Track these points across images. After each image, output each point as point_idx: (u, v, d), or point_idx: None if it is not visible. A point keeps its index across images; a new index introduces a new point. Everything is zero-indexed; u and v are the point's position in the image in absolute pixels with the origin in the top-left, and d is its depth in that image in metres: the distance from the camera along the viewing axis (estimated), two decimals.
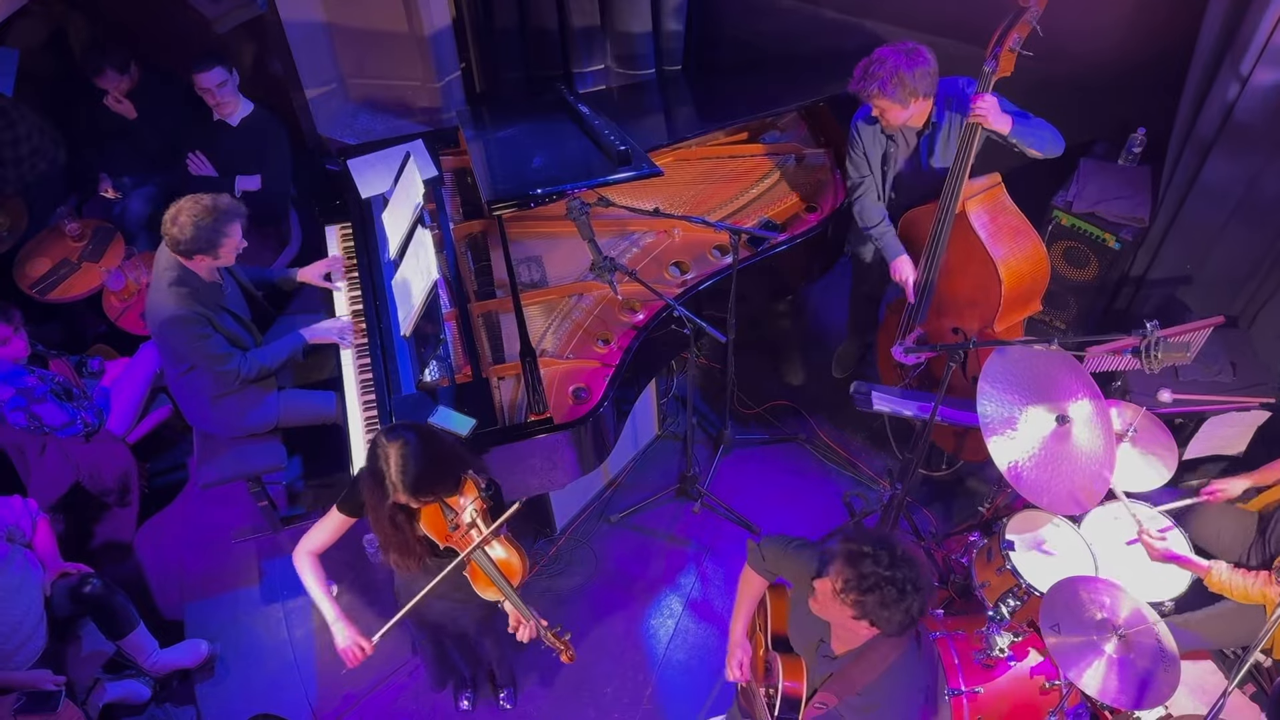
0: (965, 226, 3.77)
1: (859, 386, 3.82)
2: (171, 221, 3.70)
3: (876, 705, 2.64)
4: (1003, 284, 3.77)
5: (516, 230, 4.28)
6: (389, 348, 3.94)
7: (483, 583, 3.04)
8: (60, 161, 5.31)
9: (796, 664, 2.88)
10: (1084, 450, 3.24)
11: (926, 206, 3.90)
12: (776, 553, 2.92)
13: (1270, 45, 3.64)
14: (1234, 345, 4.22)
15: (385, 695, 4.15)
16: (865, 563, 2.42)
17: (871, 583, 2.40)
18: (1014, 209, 3.85)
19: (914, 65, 3.62)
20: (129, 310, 4.91)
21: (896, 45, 3.66)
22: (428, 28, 4.87)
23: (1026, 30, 3.29)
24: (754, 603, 3.12)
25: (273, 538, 4.63)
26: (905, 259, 4.06)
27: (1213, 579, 3.35)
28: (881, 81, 3.63)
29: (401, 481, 2.78)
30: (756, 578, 3.06)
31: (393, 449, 2.78)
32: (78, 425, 4.22)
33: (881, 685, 2.62)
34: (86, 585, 3.84)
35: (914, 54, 3.63)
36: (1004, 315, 3.88)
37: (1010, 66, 3.37)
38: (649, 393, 4.69)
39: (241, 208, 3.84)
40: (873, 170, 4.06)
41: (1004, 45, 3.33)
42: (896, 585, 2.39)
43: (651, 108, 4.93)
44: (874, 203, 4.11)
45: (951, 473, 4.69)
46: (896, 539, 2.49)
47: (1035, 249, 3.85)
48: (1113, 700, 2.97)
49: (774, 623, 3.06)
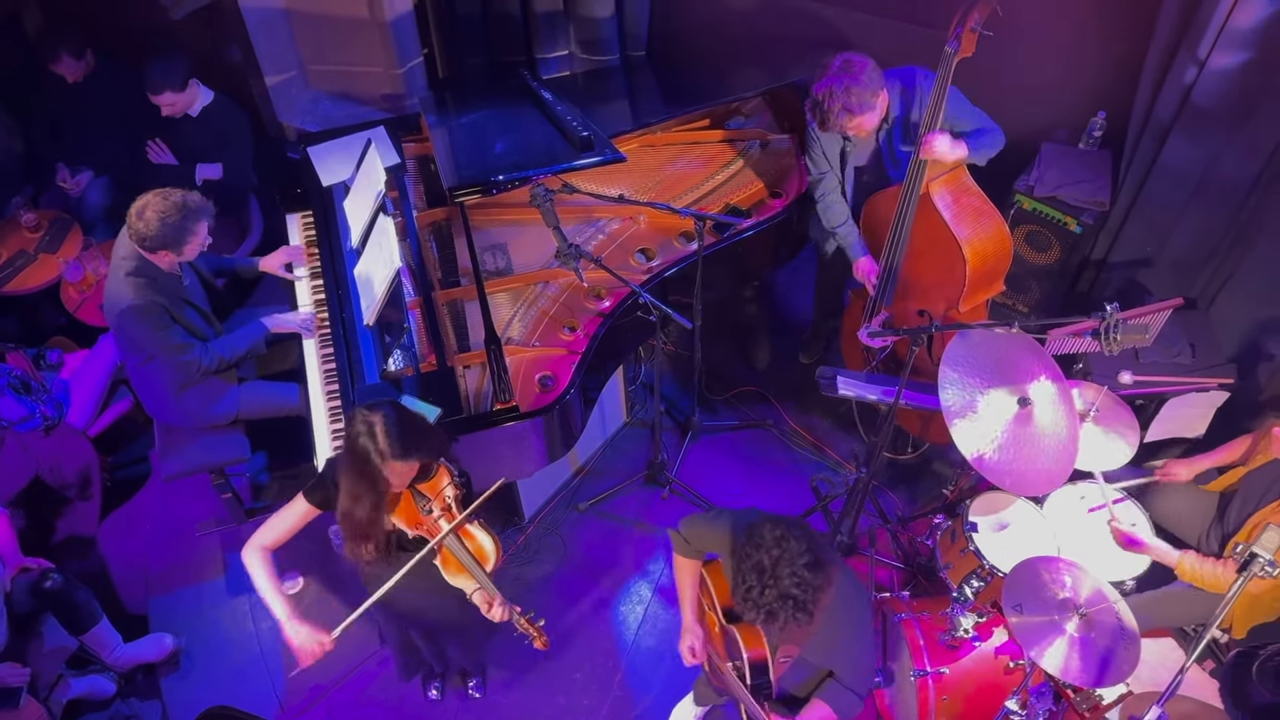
0: (929, 208, 3.79)
1: (824, 371, 3.83)
2: (137, 215, 3.64)
3: (836, 635, 2.76)
4: (967, 264, 3.79)
5: (481, 218, 4.26)
6: (352, 337, 3.90)
7: (454, 569, 3.02)
8: (16, 151, 5.21)
9: (751, 629, 2.95)
10: (1046, 432, 3.27)
11: (889, 190, 3.91)
12: (696, 532, 3.00)
13: (1227, 28, 3.67)
14: (1193, 327, 4.27)
15: (353, 686, 4.13)
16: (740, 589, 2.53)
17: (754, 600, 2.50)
18: (976, 190, 3.88)
19: (857, 75, 3.64)
20: (88, 302, 4.84)
21: (824, 74, 3.68)
22: (389, 13, 4.82)
23: (987, 10, 3.32)
24: (694, 586, 3.18)
25: (237, 530, 4.58)
26: (868, 259, 4.09)
27: (1183, 569, 3.39)
28: (844, 107, 3.65)
29: (390, 445, 2.75)
30: (687, 562, 3.12)
31: (375, 417, 2.76)
32: (36, 419, 4.15)
33: (831, 615, 2.68)
34: (47, 580, 3.79)
35: (847, 65, 3.65)
36: (969, 295, 3.91)
37: (972, 47, 3.39)
38: (616, 380, 4.68)
39: (209, 205, 3.80)
40: (833, 165, 4.07)
41: (965, 25, 3.35)
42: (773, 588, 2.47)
43: (616, 93, 4.90)
44: (837, 200, 4.12)
45: (917, 455, 4.73)
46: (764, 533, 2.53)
47: (998, 229, 3.88)
48: (1075, 678, 3.01)
49: (719, 597, 3.11)
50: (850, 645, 2.80)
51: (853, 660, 2.83)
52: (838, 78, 3.64)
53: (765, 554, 2.49)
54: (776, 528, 2.53)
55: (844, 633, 2.77)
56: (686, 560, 3.12)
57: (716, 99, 4.61)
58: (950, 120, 3.70)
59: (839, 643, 2.79)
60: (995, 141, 3.80)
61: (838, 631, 2.76)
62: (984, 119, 3.81)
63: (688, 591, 3.17)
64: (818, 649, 2.84)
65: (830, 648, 2.81)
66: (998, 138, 3.81)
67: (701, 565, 3.16)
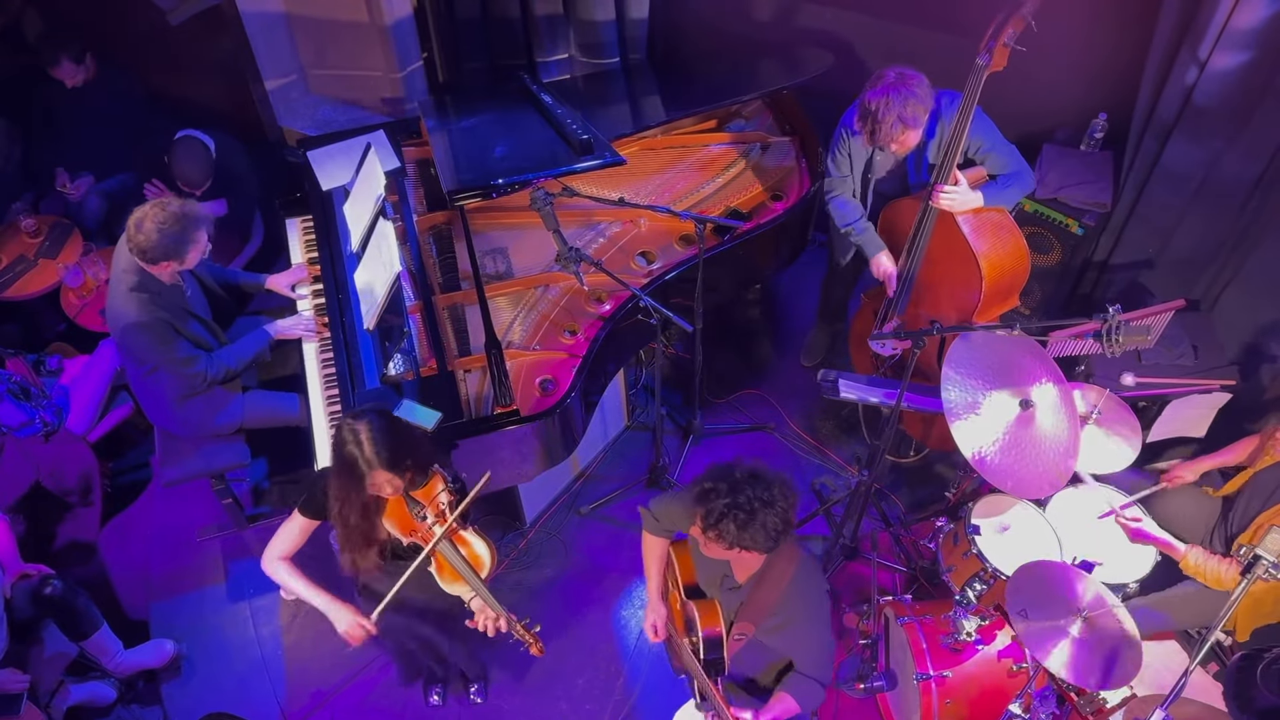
0: (948, 220, 3.74)
1: (826, 374, 3.82)
2: (136, 228, 3.60)
3: (791, 620, 2.86)
4: (984, 278, 3.74)
5: (482, 222, 4.25)
6: (352, 342, 3.90)
7: (449, 576, 3.01)
8: (15, 157, 5.21)
9: (710, 606, 3.02)
10: (1048, 434, 3.26)
11: (908, 200, 3.89)
12: (664, 509, 3.09)
13: (1228, 29, 3.67)
14: (1196, 328, 4.26)
15: (355, 692, 4.12)
16: (709, 498, 2.59)
17: (719, 513, 2.57)
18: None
19: (913, 88, 3.59)
20: (88, 307, 4.84)
21: (879, 84, 3.62)
22: (388, 17, 4.83)
23: (1021, 25, 3.27)
24: (661, 564, 3.26)
25: (238, 536, 4.57)
26: (885, 255, 4.04)
27: (1188, 562, 3.39)
28: (900, 118, 3.60)
29: (377, 455, 2.73)
30: (656, 540, 3.21)
31: (361, 426, 2.74)
32: (36, 425, 4.15)
33: (788, 600, 2.83)
34: (47, 586, 3.77)
35: (903, 78, 3.60)
36: (983, 310, 3.86)
37: (1004, 61, 3.32)
38: (617, 383, 4.68)
39: (208, 214, 3.77)
40: (853, 172, 4.05)
41: (999, 39, 3.29)
42: (743, 508, 2.55)
43: (616, 96, 4.90)
44: (848, 200, 4.10)
45: (920, 459, 4.72)
46: (739, 464, 2.63)
47: (1017, 245, 3.82)
48: (1079, 681, 3.00)
49: (683, 575, 3.19)
50: (808, 632, 2.87)
51: (810, 646, 2.89)
52: (894, 89, 3.58)
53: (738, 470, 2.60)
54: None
55: (801, 618, 2.85)
56: (655, 539, 3.20)
57: (717, 102, 4.61)
58: (974, 139, 3.68)
59: (796, 629, 2.86)
60: (1022, 186, 3.76)
61: (794, 616, 2.83)
62: (1012, 154, 3.77)
63: (654, 570, 3.26)
64: (773, 631, 2.90)
65: (787, 632, 2.88)
66: (1025, 182, 3.78)
67: (670, 544, 3.24)
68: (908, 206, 3.90)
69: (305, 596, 3.08)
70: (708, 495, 2.60)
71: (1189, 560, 3.39)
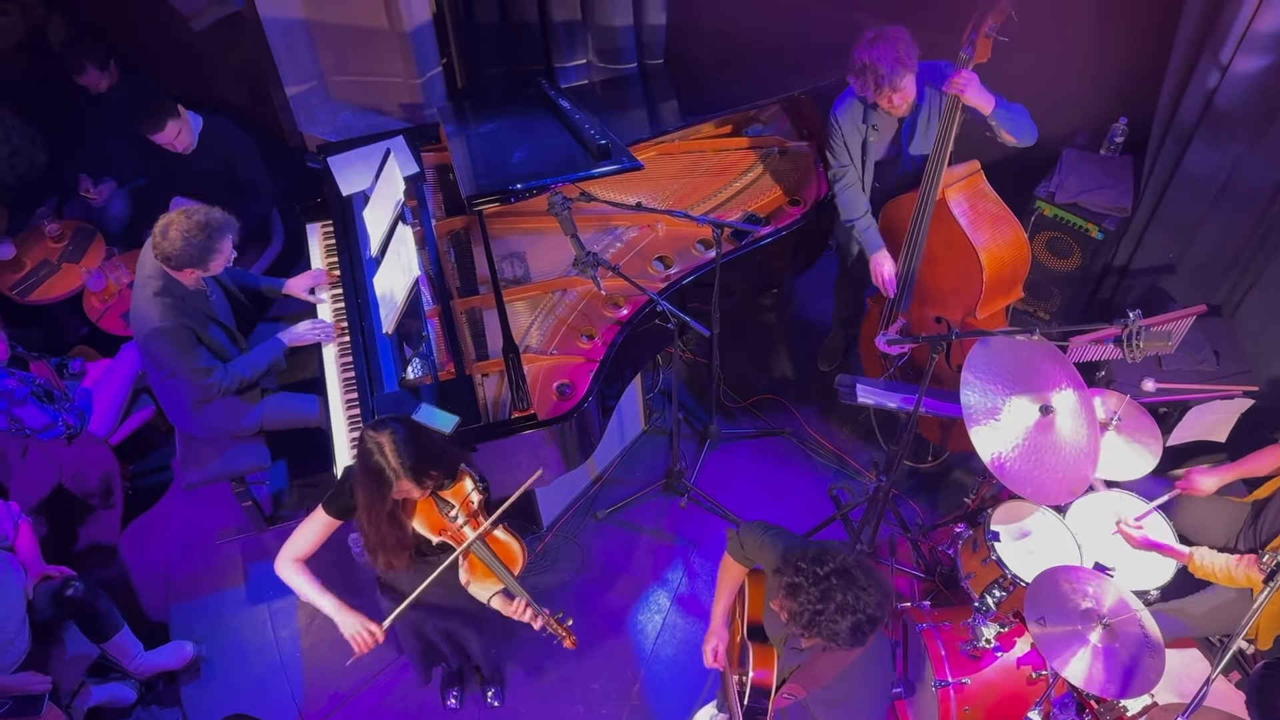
0: (946, 214, 3.77)
1: (843, 379, 3.81)
2: (161, 235, 3.64)
3: (843, 698, 2.69)
4: (984, 271, 3.77)
5: (500, 226, 4.27)
6: (371, 346, 3.91)
7: (481, 574, 3.01)
8: (40, 163, 5.26)
9: (768, 653, 2.89)
10: (1068, 440, 3.24)
11: (906, 196, 3.90)
12: (754, 540, 2.91)
13: (1250, 33, 3.65)
14: (1217, 334, 4.23)
15: (372, 694, 4.14)
16: (800, 595, 2.44)
17: (810, 615, 2.42)
18: (994, 196, 3.85)
19: (898, 33, 3.59)
20: (110, 311, 4.88)
21: (862, 42, 3.64)
22: (408, 23, 4.84)
23: (1002, 16, 3.29)
24: (734, 590, 3.13)
25: (257, 538, 4.61)
26: (884, 254, 4.06)
27: (1195, 564, 3.36)
28: (898, 61, 3.57)
29: (402, 466, 2.74)
30: (735, 565, 3.05)
31: (384, 438, 2.75)
32: (59, 427, 4.18)
33: (846, 679, 2.65)
34: (69, 588, 3.80)
35: (883, 30, 3.61)
36: (986, 303, 3.88)
37: (987, 52, 3.37)
38: (634, 388, 4.68)
39: (233, 221, 3.79)
40: (853, 159, 4.05)
41: (980, 31, 3.33)
42: (831, 619, 2.40)
43: (634, 101, 4.90)
44: (858, 194, 4.10)
45: (938, 464, 4.70)
46: (833, 555, 2.47)
47: (1016, 235, 3.85)
48: (1099, 689, 2.97)
49: (750, 610, 3.05)
50: (858, 716, 2.73)
51: None
52: (881, 40, 3.59)
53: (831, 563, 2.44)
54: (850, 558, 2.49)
55: (856, 699, 2.70)
56: (734, 563, 3.05)
57: (734, 106, 4.61)
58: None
59: (847, 708, 2.71)
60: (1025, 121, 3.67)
61: (849, 695, 2.69)
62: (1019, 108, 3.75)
63: (725, 593, 3.13)
64: (824, 703, 2.75)
65: (838, 709, 2.73)
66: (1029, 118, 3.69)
67: (747, 573, 3.10)
68: (905, 204, 3.90)
69: (313, 600, 3.06)
70: (796, 591, 2.45)
71: (1195, 561, 3.36)
